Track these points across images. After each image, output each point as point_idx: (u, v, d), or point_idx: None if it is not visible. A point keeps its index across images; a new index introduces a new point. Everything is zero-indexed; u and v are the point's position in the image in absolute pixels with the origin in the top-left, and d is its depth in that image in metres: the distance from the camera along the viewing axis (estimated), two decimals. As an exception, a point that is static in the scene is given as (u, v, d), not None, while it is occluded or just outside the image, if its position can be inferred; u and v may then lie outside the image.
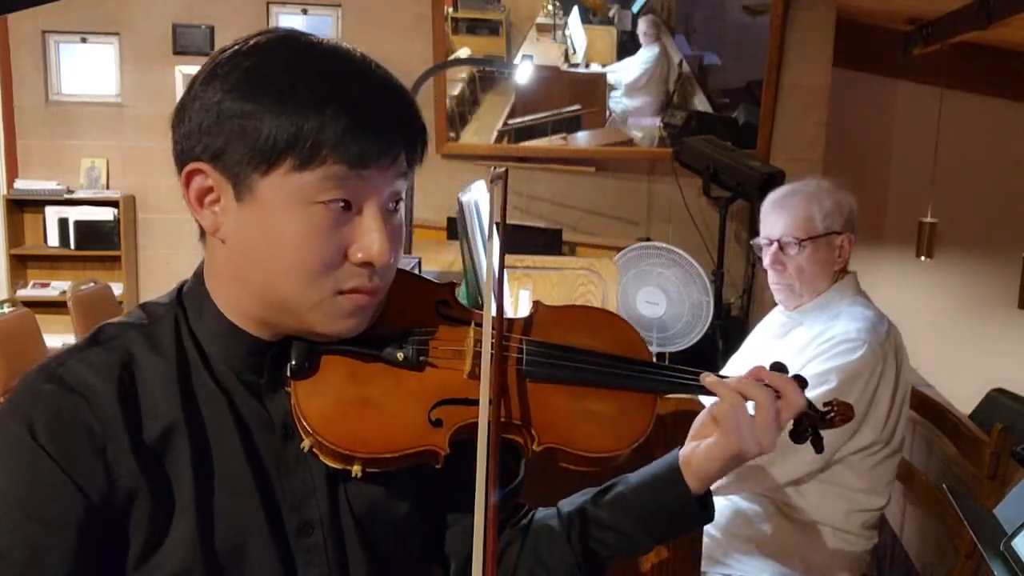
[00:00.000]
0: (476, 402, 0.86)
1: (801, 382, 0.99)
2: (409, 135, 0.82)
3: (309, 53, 0.81)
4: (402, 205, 0.86)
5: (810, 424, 1.00)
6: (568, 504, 1.00)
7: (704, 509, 0.96)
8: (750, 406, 0.93)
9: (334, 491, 0.88)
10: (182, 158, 0.83)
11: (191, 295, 0.88)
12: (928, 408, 2.30)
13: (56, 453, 0.77)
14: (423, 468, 0.87)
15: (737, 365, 2.16)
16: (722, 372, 2.06)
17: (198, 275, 0.89)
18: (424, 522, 0.97)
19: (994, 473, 1.90)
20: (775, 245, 1.95)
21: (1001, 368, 4.73)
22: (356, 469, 0.83)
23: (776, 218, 1.96)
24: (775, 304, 2.12)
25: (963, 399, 3.32)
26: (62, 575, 0.77)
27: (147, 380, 0.83)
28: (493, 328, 0.85)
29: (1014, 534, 1.03)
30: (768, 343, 2.08)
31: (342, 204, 0.79)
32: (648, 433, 0.95)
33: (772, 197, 2.00)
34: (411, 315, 0.90)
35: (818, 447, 1.02)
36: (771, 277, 1.99)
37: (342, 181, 0.78)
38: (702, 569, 1.69)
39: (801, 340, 1.94)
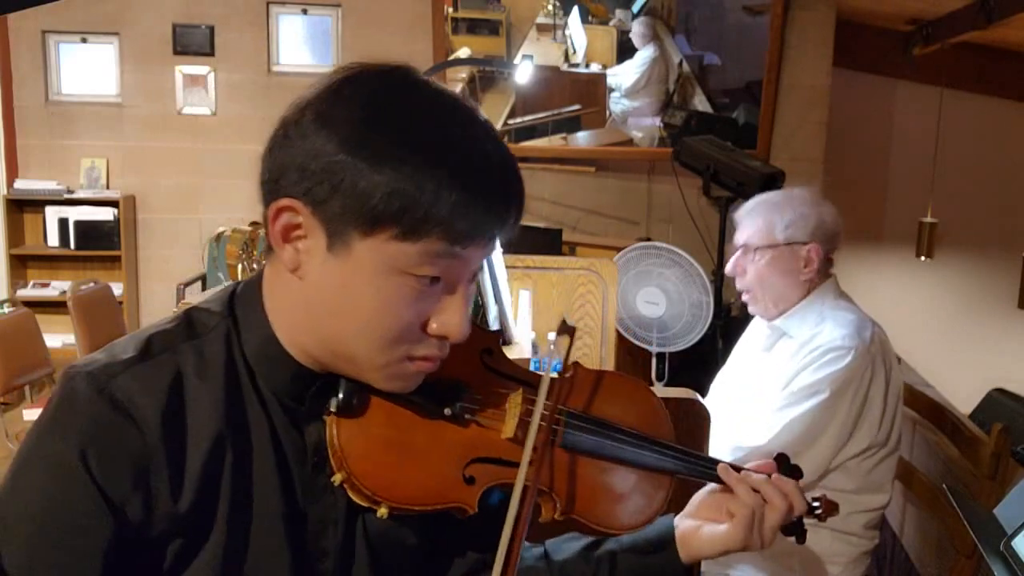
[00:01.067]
0: (511, 463, 0.87)
1: (797, 475, 1.03)
2: (515, 213, 0.79)
3: (429, 109, 0.77)
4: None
5: (799, 518, 1.03)
6: (556, 551, 1.00)
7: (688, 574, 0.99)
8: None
9: (352, 521, 0.88)
10: (274, 190, 0.78)
11: (245, 307, 0.85)
12: (928, 408, 2.30)
13: (100, 479, 0.75)
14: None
15: (726, 379, 2.16)
16: (713, 390, 2.04)
17: (255, 286, 0.85)
18: (436, 555, 0.97)
19: (994, 473, 1.90)
20: (738, 251, 1.98)
21: (1001, 368, 4.73)
22: (383, 512, 0.83)
23: (742, 226, 2.00)
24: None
25: (963, 399, 3.33)
26: None
27: (195, 401, 0.81)
28: (544, 412, 0.86)
29: (1014, 534, 1.03)
30: (756, 356, 2.08)
31: (432, 279, 0.77)
32: (660, 514, 0.97)
33: (744, 205, 2.03)
34: (456, 363, 0.88)
35: (800, 539, 1.04)
36: (736, 283, 2.02)
37: (440, 257, 0.75)
38: (702, 571, 1.69)
39: (788, 350, 1.94)
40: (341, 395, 0.83)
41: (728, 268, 2.01)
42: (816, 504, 1.05)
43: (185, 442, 0.80)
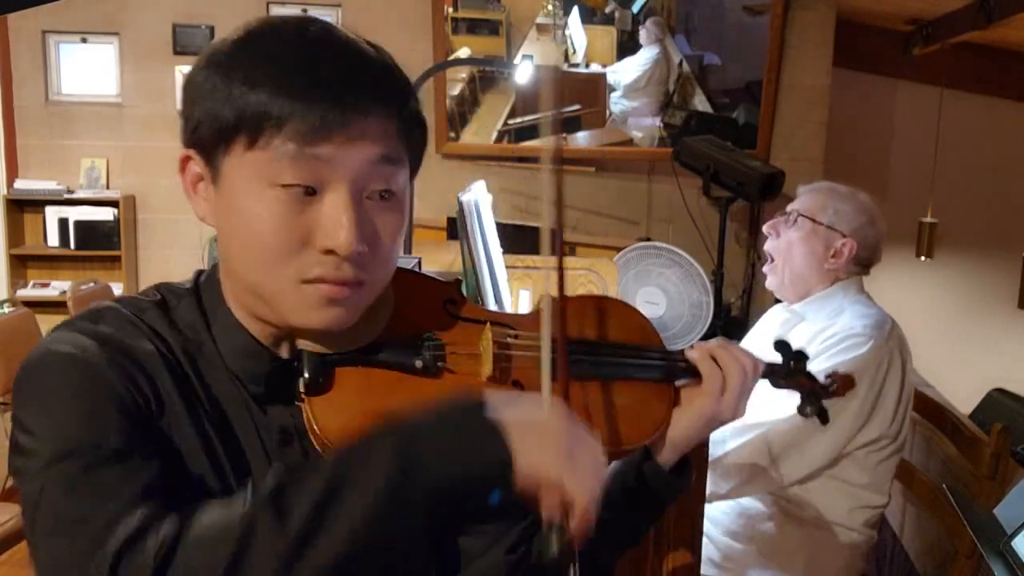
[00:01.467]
0: None
1: (802, 356, 1.04)
2: (379, 102, 0.76)
3: (272, 27, 0.79)
4: (398, 196, 0.81)
5: (813, 395, 1.04)
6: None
7: (680, 475, 0.98)
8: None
9: None
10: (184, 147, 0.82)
11: (208, 286, 0.87)
12: (928, 408, 2.30)
13: (113, 362, 0.76)
14: None
15: None
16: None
17: (216, 268, 0.88)
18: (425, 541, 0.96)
19: (994, 473, 1.90)
20: (784, 215, 2.01)
21: (1001, 368, 4.73)
22: None
23: (801, 196, 2.05)
24: (775, 303, 2.13)
25: (963, 399, 3.33)
26: (148, 451, 0.75)
27: (175, 353, 0.82)
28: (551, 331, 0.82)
29: (1014, 534, 1.03)
30: (770, 339, 2.09)
31: (303, 189, 0.75)
32: (669, 420, 0.96)
33: (813, 183, 2.06)
34: (420, 318, 0.87)
35: (823, 419, 1.04)
36: (766, 243, 2.05)
37: (295, 160, 0.74)
38: (702, 573, 1.69)
39: (803, 336, 1.95)
40: (305, 372, 0.81)
41: (766, 226, 2.05)
42: (828, 380, 1.06)
43: (180, 375, 0.81)
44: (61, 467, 0.71)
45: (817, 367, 1.82)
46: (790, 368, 1.06)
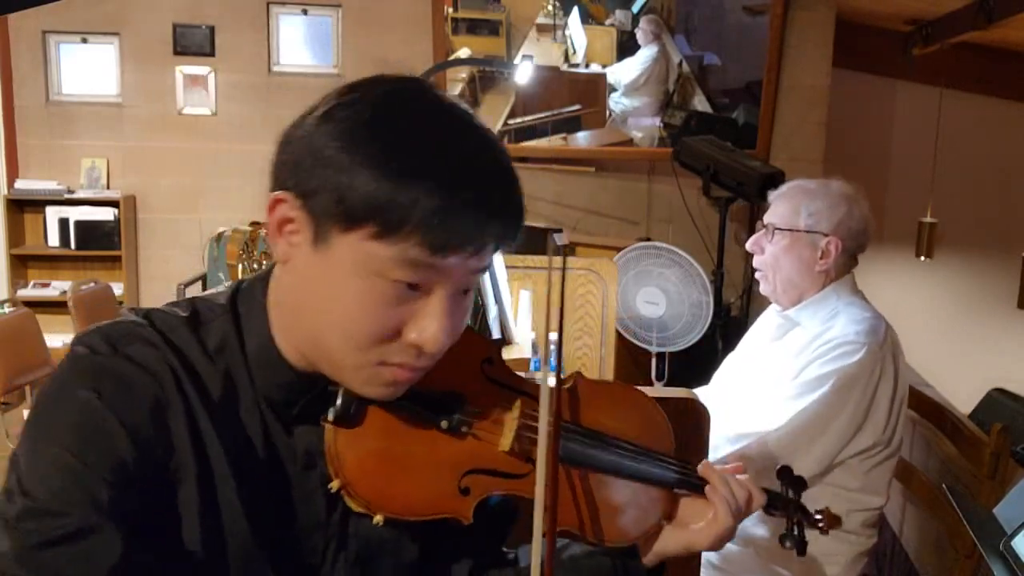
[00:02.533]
0: (507, 475, 0.87)
1: (800, 485, 1.05)
2: (504, 227, 0.78)
3: (423, 116, 0.77)
4: (476, 286, 0.84)
5: (799, 526, 1.05)
6: (526, 557, 1.00)
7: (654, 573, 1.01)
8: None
9: (344, 525, 0.89)
10: (275, 182, 0.80)
11: (248, 305, 0.86)
12: (928, 408, 2.30)
13: (122, 414, 0.76)
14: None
15: (732, 366, 2.16)
16: (717, 374, 2.04)
17: (258, 286, 0.87)
18: (428, 563, 0.97)
19: (994, 473, 1.90)
20: (762, 229, 1.99)
21: (1001, 368, 4.74)
22: (378, 519, 0.83)
23: (772, 205, 2.01)
24: (772, 303, 2.12)
25: (963, 399, 3.33)
26: (118, 532, 0.75)
27: (200, 381, 0.82)
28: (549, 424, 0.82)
29: (1014, 534, 1.03)
30: (765, 345, 2.08)
31: (409, 285, 0.76)
32: (656, 527, 0.98)
33: (781, 186, 2.03)
34: (457, 373, 0.88)
35: (801, 551, 1.05)
36: (753, 260, 2.03)
37: (417, 264, 0.74)
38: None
39: (799, 342, 1.94)
40: (339, 404, 0.82)
41: (748, 244, 2.01)
42: (818, 516, 1.06)
43: (194, 411, 0.81)
44: (20, 531, 0.72)
45: (811, 373, 1.83)
46: (788, 499, 1.08)
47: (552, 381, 0.84)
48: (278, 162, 0.80)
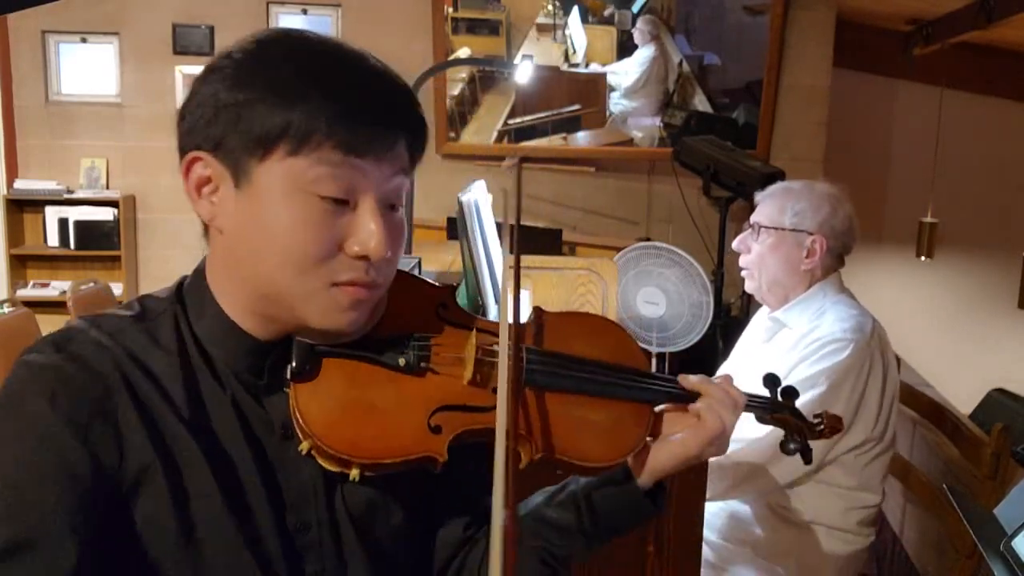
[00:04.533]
0: (476, 408, 0.87)
1: (792, 393, 1.03)
2: (406, 126, 0.82)
3: (303, 45, 0.82)
4: (403, 205, 0.85)
5: (799, 435, 1.03)
6: (524, 506, 1.00)
7: (654, 503, 0.98)
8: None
9: (331, 492, 0.88)
10: (183, 152, 0.84)
11: (192, 292, 0.88)
12: (928, 408, 2.30)
13: (71, 420, 0.76)
14: (421, 472, 0.86)
15: (728, 371, 2.16)
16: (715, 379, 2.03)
17: (199, 272, 0.88)
18: (422, 523, 0.97)
19: (994, 473, 1.90)
20: (750, 229, 2.00)
21: (1001, 368, 4.74)
22: (354, 473, 0.82)
23: (759, 205, 2.03)
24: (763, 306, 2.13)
25: (963, 399, 3.33)
26: (70, 540, 0.75)
27: (152, 375, 0.82)
28: (509, 338, 0.82)
29: (1014, 534, 1.03)
30: (756, 347, 2.09)
31: (337, 200, 0.79)
32: (642, 443, 0.95)
33: (768, 187, 2.05)
34: (411, 318, 0.89)
35: (807, 458, 1.04)
36: (740, 260, 2.04)
37: (336, 168, 0.78)
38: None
39: (787, 342, 1.95)
40: (294, 361, 0.83)
41: (735, 243, 2.04)
42: (816, 419, 1.05)
43: (148, 406, 0.81)
44: None
45: (800, 374, 1.83)
46: (777, 403, 1.06)
47: (511, 301, 0.84)
48: (180, 133, 0.84)
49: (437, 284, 0.96)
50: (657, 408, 0.98)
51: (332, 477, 0.86)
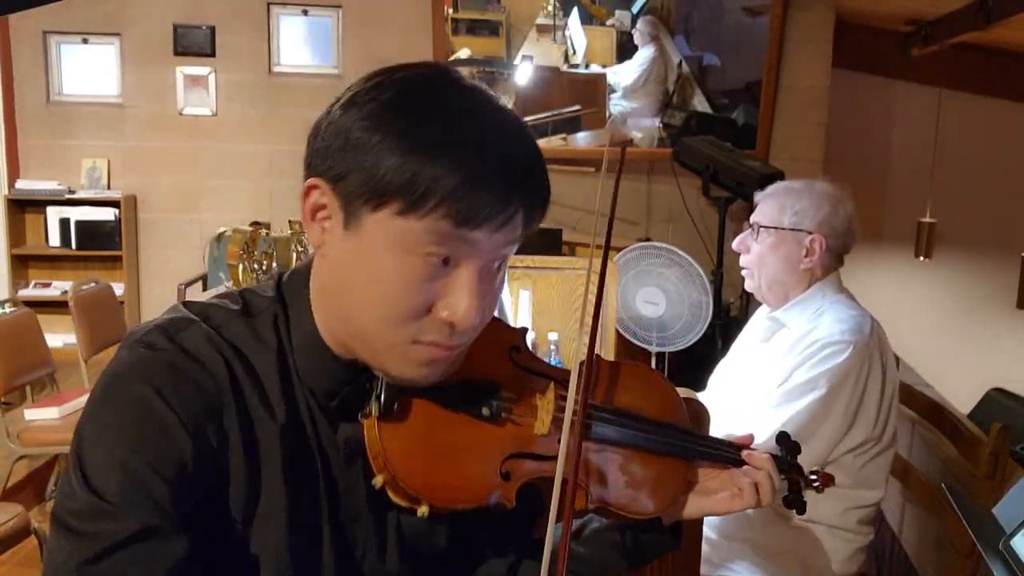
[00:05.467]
0: (544, 457, 0.90)
1: (797, 448, 1.11)
2: (526, 199, 0.79)
3: (445, 95, 0.80)
4: (506, 265, 0.85)
5: (798, 487, 1.10)
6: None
7: (675, 537, 1.03)
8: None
9: (383, 514, 0.90)
10: (307, 171, 0.82)
11: (293, 296, 0.88)
12: (927, 408, 2.30)
13: (185, 412, 0.77)
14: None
15: (726, 370, 2.17)
16: (712, 380, 2.06)
17: (301, 275, 0.88)
18: (464, 554, 0.99)
19: (993, 473, 1.91)
20: (750, 228, 2.01)
21: (1000, 368, 4.74)
22: (423, 511, 0.83)
23: (759, 205, 2.03)
24: (762, 305, 2.13)
25: (962, 399, 3.34)
26: (182, 529, 0.77)
27: (254, 372, 0.83)
28: (577, 399, 0.86)
29: (1013, 533, 1.04)
30: (755, 347, 2.09)
31: (441, 259, 0.78)
32: (678, 498, 1.01)
33: (768, 187, 2.05)
34: (488, 362, 0.91)
35: (801, 510, 1.10)
36: (740, 259, 2.05)
37: (445, 238, 0.76)
38: (701, 573, 1.70)
39: (786, 342, 1.95)
40: (383, 398, 0.83)
41: (735, 243, 2.03)
42: (814, 477, 1.11)
43: (247, 404, 0.82)
44: (83, 537, 0.73)
45: (800, 377, 1.84)
46: (788, 463, 1.12)
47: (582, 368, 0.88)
48: (310, 151, 0.82)
49: (509, 326, 0.99)
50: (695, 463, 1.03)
51: (388, 506, 0.87)
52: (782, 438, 1.11)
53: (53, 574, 0.73)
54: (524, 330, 0.98)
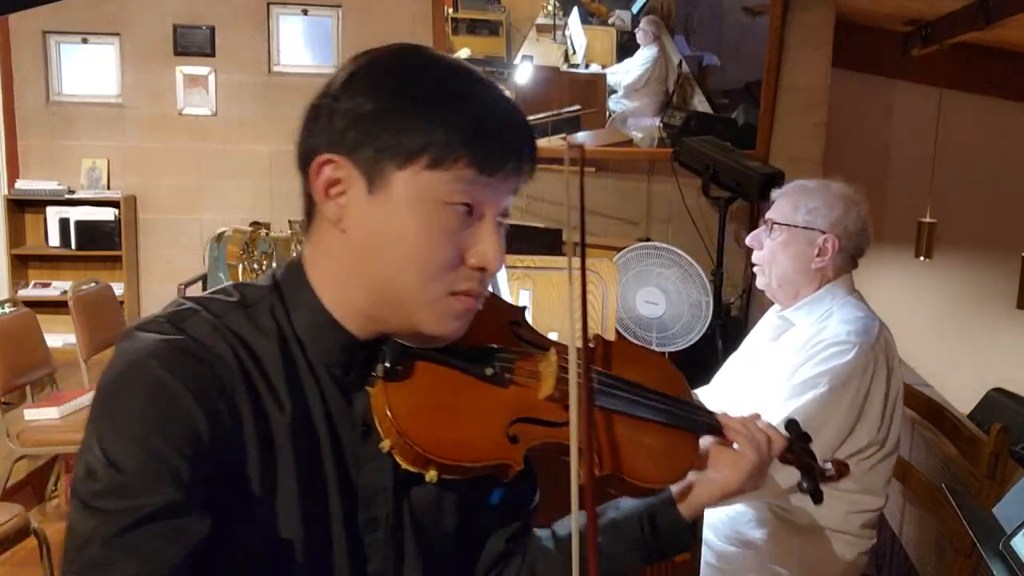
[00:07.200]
0: (551, 423, 0.91)
1: (807, 436, 1.12)
2: (528, 147, 0.88)
3: (438, 59, 0.87)
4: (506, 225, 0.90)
5: (812, 474, 1.12)
6: (563, 527, 1.05)
7: (691, 532, 1.04)
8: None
9: (400, 492, 0.91)
10: (309, 153, 0.86)
11: (289, 284, 0.90)
12: (927, 408, 2.30)
13: (198, 392, 0.78)
14: (486, 481, 0.90)
15: (734, 367, 2.17)
16: (719, 374, 2.07)
17: (295, 266, 0.91)
18: (471, 532, 1.00)
19: (993, 473, 1.91)
20: (763, 225, 2.01)
21: (1000, 368, 4.75)
22: (432, 475, 0.84)
23: (775, 203, 2.02)
24: (773, 304, 2.13)
25: (962, 399, 3.33)
26: (203, 507, 0.78)
27: (258, 359, 0.85)
28: (580, 357, 0.89)
29: (1013, 533, 1.04)
30: (763, 345, 2.09)
31: (466, 208, 0.84)
32: (691, 469, 1.02)
33: (786, 185, 2.06)
34: (490, 332, 0.95)
35: (818, 499, 1.11)
36: (752, 255, 2.05)
37: (470, 185, 0.83)
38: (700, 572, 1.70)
39: (795, 342, 1.94)
40: (387, 361, 0.87)
41: (748, 239, 2.04)
42: (827, 465, 1.13)
43: (256, 388, 0.83)
44: (106, 512, 0.74)
45: (803, 375, 1.84)
46: (801, 446, 1.13)
47: (579, 332, 0.92)
48: (306, 136, 0.86)
49: (509, 303, 1.03)
50: (701, 441, 1.04)
51: (404, 478, 0.88)
52: (791, 425, 1.11)
53: (77, 552, 0.74)
54: (524, 307, 1.01)
